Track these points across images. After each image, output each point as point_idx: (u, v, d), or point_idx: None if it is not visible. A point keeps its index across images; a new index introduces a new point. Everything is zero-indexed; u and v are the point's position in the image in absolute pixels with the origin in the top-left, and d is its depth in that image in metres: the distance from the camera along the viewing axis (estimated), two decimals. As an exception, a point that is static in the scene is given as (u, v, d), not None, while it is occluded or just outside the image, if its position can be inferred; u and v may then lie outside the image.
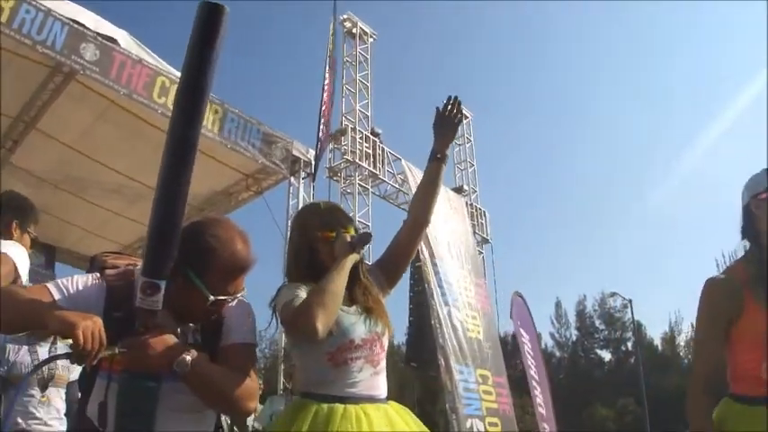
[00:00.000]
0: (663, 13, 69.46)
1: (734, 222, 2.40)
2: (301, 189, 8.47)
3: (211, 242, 1.85)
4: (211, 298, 1.83)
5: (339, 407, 2.07)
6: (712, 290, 2.28)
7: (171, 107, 6.48)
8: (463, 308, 8.52)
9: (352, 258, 2.25)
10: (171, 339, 1.77)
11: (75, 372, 3.65)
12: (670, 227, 64.86)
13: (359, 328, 2.23)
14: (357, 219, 12.53)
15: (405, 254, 2.55)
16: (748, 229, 2.34)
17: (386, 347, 2.31)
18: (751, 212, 2.31)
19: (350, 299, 2.31)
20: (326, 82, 8.40)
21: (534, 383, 10.23)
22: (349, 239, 2.28)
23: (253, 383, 1.92)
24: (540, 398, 10.17)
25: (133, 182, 8.20)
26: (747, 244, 2.35)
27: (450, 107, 2.51)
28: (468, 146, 13.37)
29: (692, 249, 62.68)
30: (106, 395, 1.78)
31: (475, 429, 7.77)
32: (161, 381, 1.80)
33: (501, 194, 64.87)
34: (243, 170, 8.47)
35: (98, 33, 6.29)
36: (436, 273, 8.17)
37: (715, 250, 62.31)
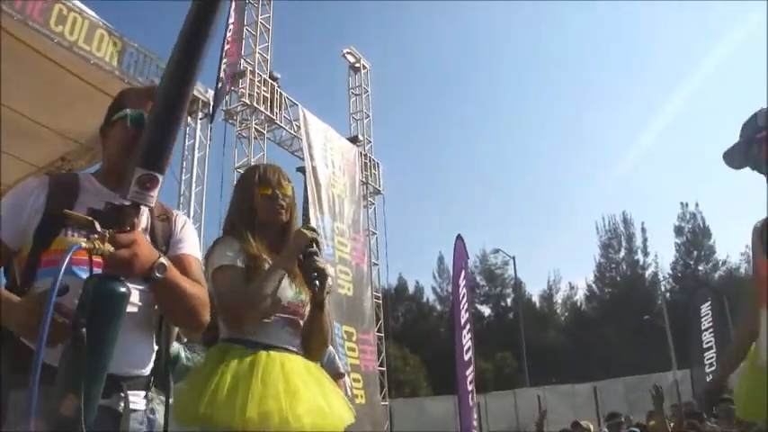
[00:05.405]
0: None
1: (614, 188, 2.48)
2: (198, 130, 8.43)
3: None
4: (128, 111, 1.97)
5: (263, 352, 2.25)
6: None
7: (67, 37, 6.38)
8: (336, 264, 8.87)
9: (293, 262, 2.33)
10: (147, 241, 1.65)
11: None
12: (555, 190, 67.24)
13: (287, 291, 2.35)
14: (252, 163, 12.70)
15: None
16: None
17: (306, 317, 2.42)
18: None
19: None
20: (231, 21, 8.29)
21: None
22: (306, 245, 2.32)
23: (207, 296, 1.94)
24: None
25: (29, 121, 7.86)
26: None
27: None
28: (365, 96, 13.55)
29: (573, 213, 65.59)
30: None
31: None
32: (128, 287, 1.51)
33: (396, 146, 65.19)
34: (140, 107, 8.17)
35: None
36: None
37: (596, 214, 66.17)
